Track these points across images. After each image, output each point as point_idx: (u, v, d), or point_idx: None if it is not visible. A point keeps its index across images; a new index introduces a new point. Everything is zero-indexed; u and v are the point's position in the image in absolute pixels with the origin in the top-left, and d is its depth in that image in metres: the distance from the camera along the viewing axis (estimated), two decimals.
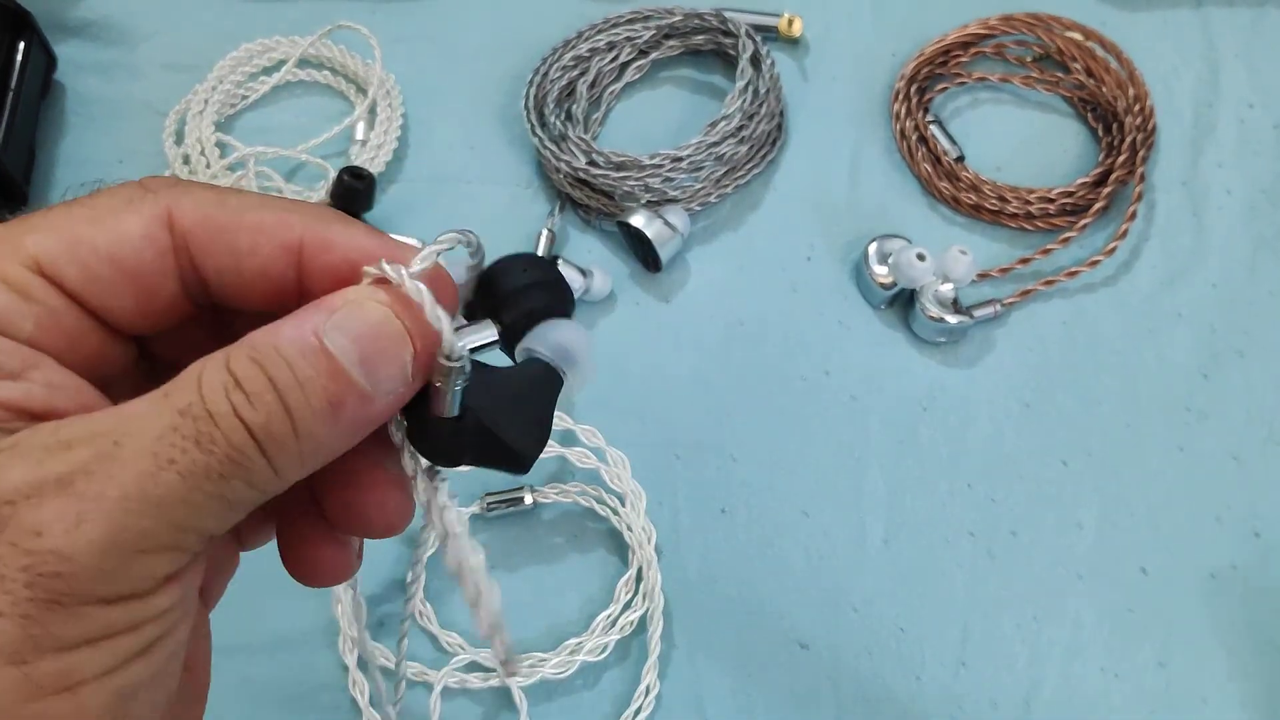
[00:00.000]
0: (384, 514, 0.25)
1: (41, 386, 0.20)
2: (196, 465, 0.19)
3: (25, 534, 0.18)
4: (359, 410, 0.21)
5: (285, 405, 0.20)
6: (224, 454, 0.19)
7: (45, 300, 0.21)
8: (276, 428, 0.20)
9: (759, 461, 0.50)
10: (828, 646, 0.47)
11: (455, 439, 0.23)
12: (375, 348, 0.21)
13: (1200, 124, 0.58)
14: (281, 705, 0.46)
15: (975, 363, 0.52)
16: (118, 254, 0.21)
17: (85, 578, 0.18)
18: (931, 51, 0.59)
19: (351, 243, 0.23)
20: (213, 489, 0.19)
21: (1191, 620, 0.47)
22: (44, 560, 0.18)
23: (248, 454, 0.20)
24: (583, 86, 0.58)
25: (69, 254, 0.21)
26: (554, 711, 0.46)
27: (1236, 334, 0.52)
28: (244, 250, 0.22)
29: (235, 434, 0.19)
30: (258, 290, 0.23)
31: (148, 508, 0.18)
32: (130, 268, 0.22)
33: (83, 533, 0.18)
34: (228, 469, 0.19)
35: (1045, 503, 0.49)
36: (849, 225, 0.56)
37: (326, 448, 0.21)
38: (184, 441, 0.19)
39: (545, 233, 0.55)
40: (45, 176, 0.58)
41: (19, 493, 0.18)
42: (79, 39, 0.62)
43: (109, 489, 0.18)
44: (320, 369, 0.20)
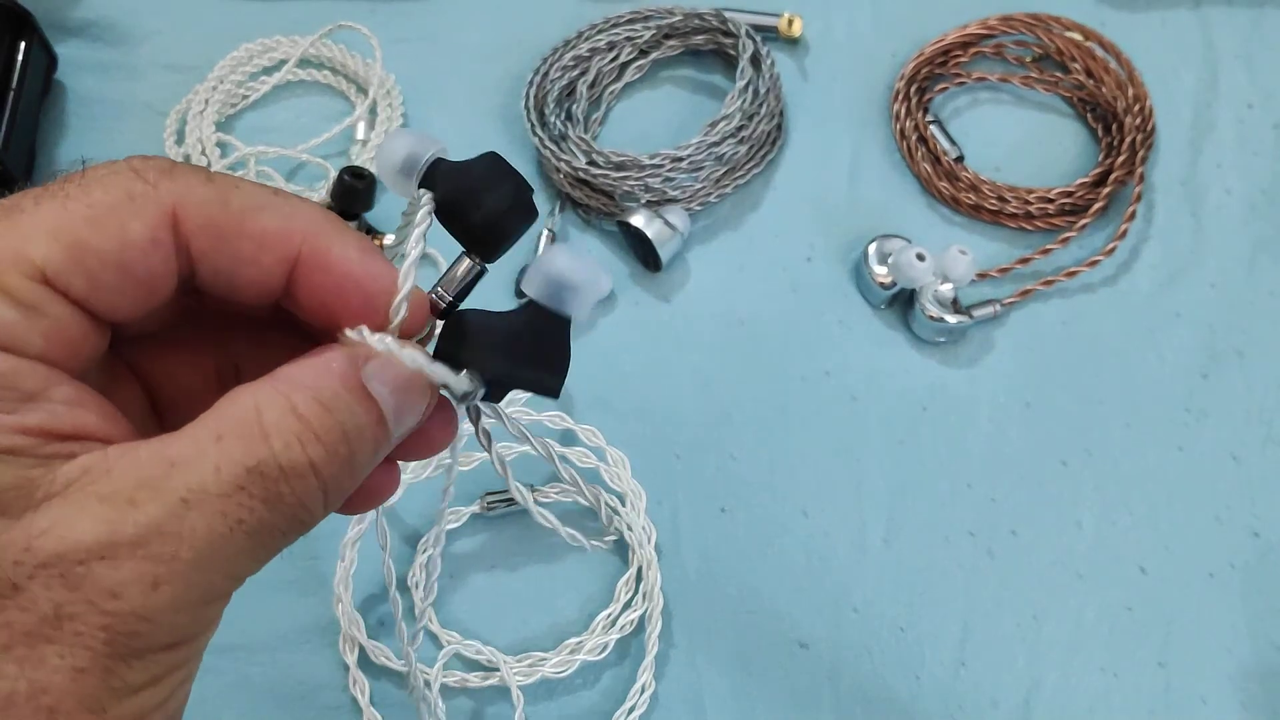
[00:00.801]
0: (446, 434, 0.25)
1: (63, 405, 0.20)
2: (263, 524, 0.20)
3: (102, 594, 0.18)
4: (385, 453, 0.22)
5: (351, 454, 0.21)
6: (291, 512, 0.20)
7: (52, 312, 0.20)
8: (344, 481, 0.21)
9: (759, 461, 0.50)
10: (828, 646, 0.47)
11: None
12: (407, 399, 0.22)
13: (1199, 124, 0.58)
14: (281, 705, 0.46)
15: (975, 363, 0.52)
16: (124, 260, 0.21)
17: (159, 633, 0.19)
18: (931, 51, 0.59)
19: (345, 266, 0.23)
20: (273, 542, 0.20)
21: (1191, 620, 0.47)
22: (123, 620, 0.18)
23: (312, 508, 0.20)
24: (583, 86, 0.58)
25: (75, 263, 0.20)
26: (554, 710, 0.46)
27: (1236, 334, 0.52)
28: (244, 259, 0.22)
29: (305, 486, 0.20)
30: (248, 291, 0.23)
31: (217, 565, 0.19)
32: (137, 273, 0.21)
33: (160, 595, 0.18)
34: (292, 526, 0.20)
35: (1045, 502, 0.49)
36: (849, 225, 0.56)
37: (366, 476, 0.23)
38: (253, 501, 0.19)
39: (545, 233, 0.55)
40: (46, 177, 0.58)
41: (92, 552, 0.18)
42: (79, 39, 0.62)
43: (182, 552, 0.19)
44: (372, 416, 0.21)
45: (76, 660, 0.18)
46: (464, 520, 0.49)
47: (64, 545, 0.18)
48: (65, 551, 0.18)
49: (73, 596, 0.18)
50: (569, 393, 0.52)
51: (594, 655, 0.45)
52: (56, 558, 0.18)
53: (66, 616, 0.18)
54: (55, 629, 0.18)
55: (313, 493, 0.20)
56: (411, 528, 0.49)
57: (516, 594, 0.48)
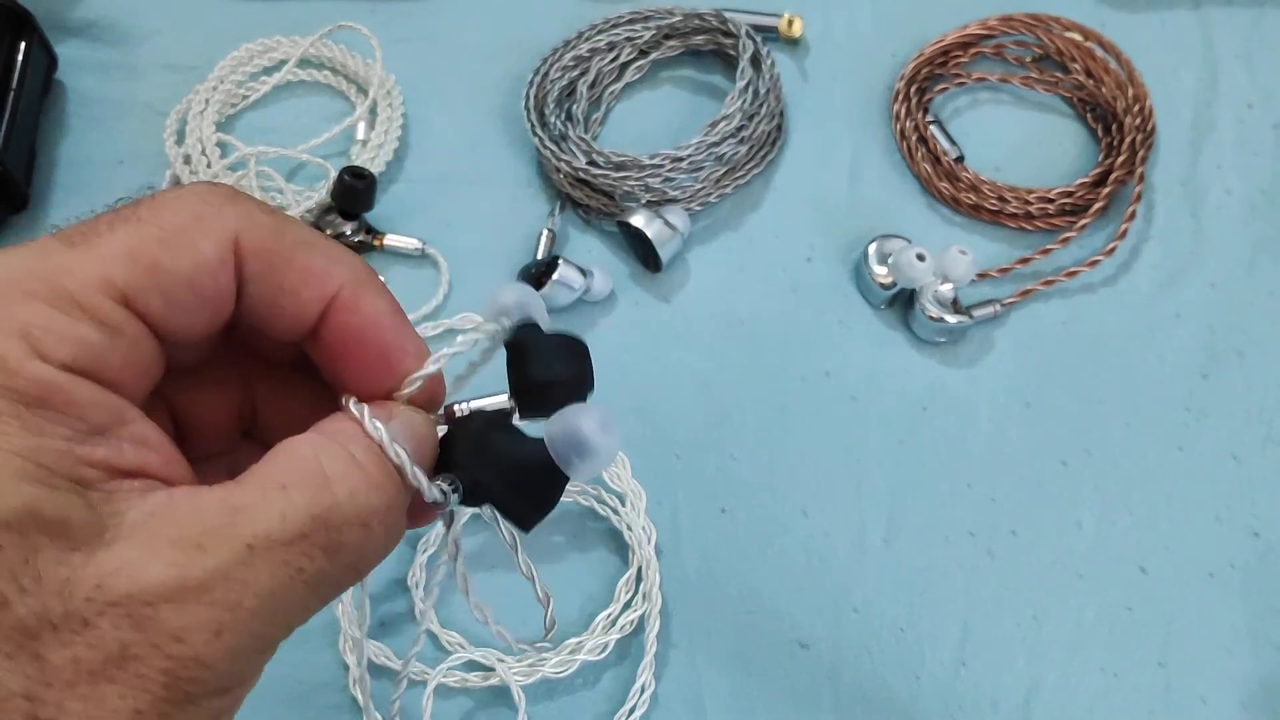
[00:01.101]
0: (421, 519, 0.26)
1: (131, 444, 0.20)
2: (322, 574, 0.20)
3: (167, 638, 0.18)
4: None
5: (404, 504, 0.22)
6: (350, 561, 0.21)
7: (130, 334, 0.20)
8: (397, 531, 0.22)
9: (759, 461, 0.50)
10: (828, 646, 0.47)
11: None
12: (421, 453, 0.23)
13: (1199, 124, 0.58)
14: (281, 705, 0.46)
15: (975, 363, 0.52)
16: (196, 280, 0.21)
17: (214, 680, 0.19)
18: (931, 52, 0.59)
19: (374, 315, 0.24)
20: (326, 595, 0.20)
21: (1191, 620, 0.47)
22: (184, 665, 0.18)
23: (370, 557, 0.21)
24: (583, 86, 0.58)
25: (153, 284, 0.20)
26: (554, 710, 0.46)
27: (1236, 334, 0.52)
28: (287, 289, 0.23)
29: (369, 542, 0.21)
30: (281, 322, 0.24)
31: (276, 615, 0.20)
32: (206, 293, 0.21)
33: (222, 642, 0.19)
34: (347, 577, 0.21)
35: (1045, 502, 0.49)
36: (849, 225, 0.56)
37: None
38: (314, 550, 0.20)
39: (545, 233, 0.55)
40: (46, 177, 0.58)
41: (160, 595, 0.18)
42: (79, 39, 0.62)
43: (245, 599, 0.19)
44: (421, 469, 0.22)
45: (137, 702, 0.18)
46: (464, 520, 0.48)
47: (135, 586, 0.18)
48: (136, 592, 0.18)
49: (139, 637, 0.18)
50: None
51: (594, 655, 0.45)
52: (127, 598, 0.18)
53: (131, 657, 0.18)
54: (119, 669, 0.18)
55: (373, 542, 0.21)
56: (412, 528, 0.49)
57: (516, 594, 0.48)
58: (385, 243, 0.55)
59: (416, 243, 0.55)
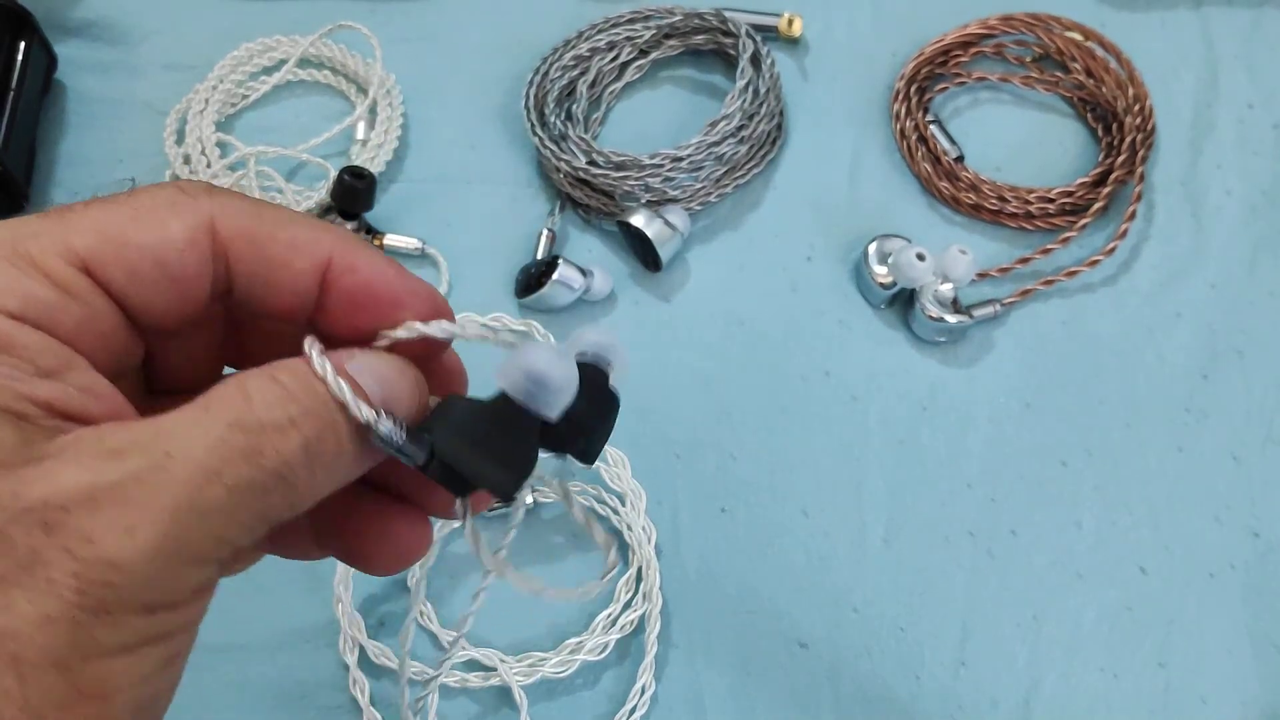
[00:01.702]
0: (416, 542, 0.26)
1: (77, 389, 0.20)
2: (242, 479, 0.19)
3: (78, 541, 0.18)
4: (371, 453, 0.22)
5: (333, 420, 0.21)
6: (273, 468, 0.20)
7: (88, 300, 0.21)
8: (328, 445, 0.21)
9: (759, 461, 0.50)
10: (828, 646, 0.47)
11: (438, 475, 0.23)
12: (392, 399, 0.22)
13: (1199, 124, 0.58)
14: (281, 705, 0.46)
15: (975, 363, 0.52)
16: (162, 256, 0.22)
17: (132, 586, 0.18)
18: (931, 51, 0.59)
19: (374, 269, 0.24)
20: (254, 505, 0.20)
21: (1191, 620, 0.47)
22: (94, 568, 0.18)
23: (294, 469, 0.20)
24: (583, 86, 0.58)
25: (116, 255, 0.21)
26: (554, 710, 0.46)
27: (1236, 334, 0.52)
28: (277, 263, 0.23)
29: (286, 445, 0.20)
30: (281, 300, 0.24)
31: (195, 519, 0.19)
32: (173, 271, 0.22)
33: (134, 542, 0.18)
34: (272, 482, 0.20)
35: (1045, 503, 0.49)
36: (849, 225, 0.56)
37: (354, 469, 0.22)
38: (232, 454, 0.19)
39: (545, 233, 0.55)
40: (46, 176, 0.58)
41: (72, 499, 0.18)
42: (79, 39, 0.62)
43: (160, 498, 0.19)
44: (359, 394, 0.22)
45: (45, 607, 0.18)
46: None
47: (48, 491, 0.18)
48: (49, 497, 0.18)
49: (49, 542, 0.18)
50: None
51: (594, 655, 0.45)
52: (40, 503, 0.18)
53: (40, 562, 0.18)
54: (28, 574, 0.18)
55: (295, 451, 0.20)
56: None
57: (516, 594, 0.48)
58: (385, 243, 0.55)
59: (416, 243, 0.55)
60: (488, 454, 0.23)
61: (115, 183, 0.58)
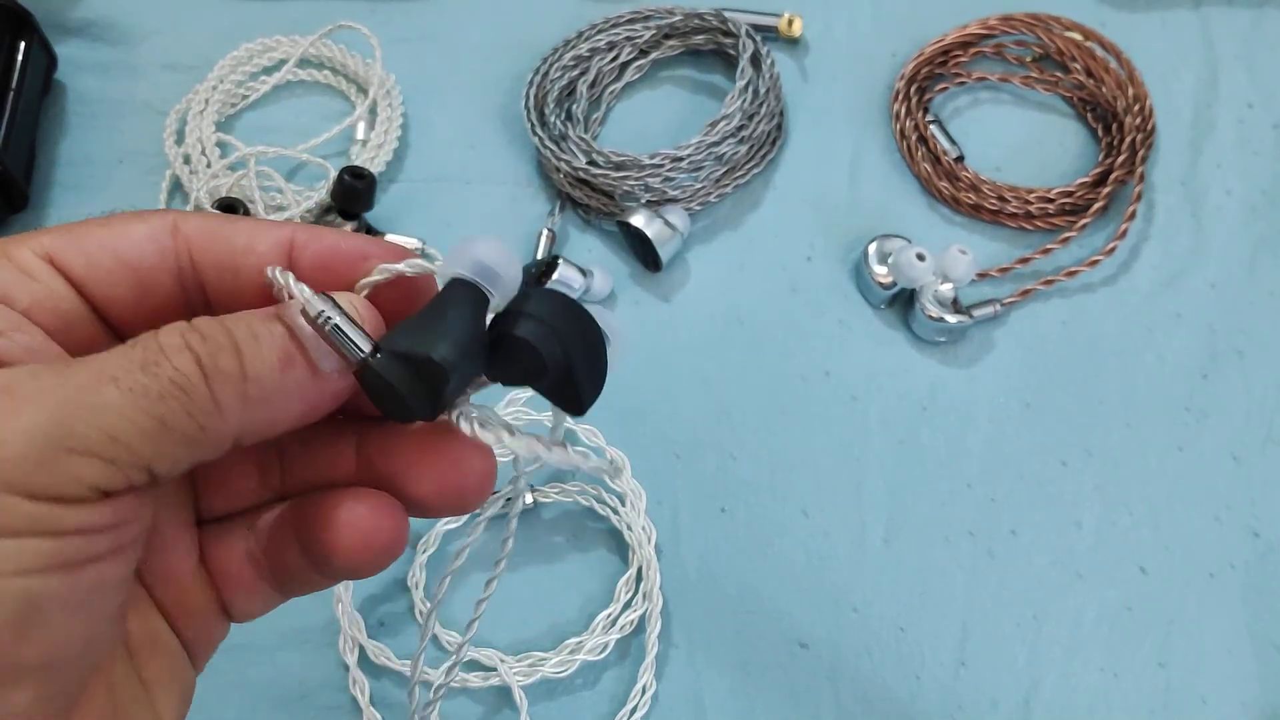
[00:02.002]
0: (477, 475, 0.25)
1: (21, 347, 0.22)
2: (137, 384, 0.20)
3: None
4: (308, 377, 0.23)
5: (236, 345, 0.21)
6: (168, 377, 0.20)
7: (48, 283, 0.23)
8: (224, 362, 0.21)
9: (759, 461, 0.50)
10: (828, 646, 0.47)
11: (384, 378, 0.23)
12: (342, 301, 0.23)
13: (1199, 124, 0.58)
14: (281, 705, 0.46)
15: (975, 363, 0.52)
16: (120, 248, 0.24)
17: (14, 465, 0.19)
18: (931, 51, 0.59)
19: (339, 236, 0.25)
20: (150, 408, 0.20)
21: (1191, 620, 0.47)
22: None
23: (191, 380, 0.21)
24: (583, 86, 0.58)
25: (76, 246, 0.23)
26: (554, 710, 0.46)
27: (1236, 334, 0.52)
28: (240, 248, 0.24)
29: (181, 360, 0.21)
30: (253, 289, 0.24)
31: (83, 411, 0.19)
32: (131, 260, 0.24)
33: (18, 421, 0.19)
34: (168, 390, 0.20)
35: (1045, 503, 0.49)
36: (849, 225, 0.56)
37: (275, 401, 0.22)
38: (130, 364, 0.20)
39: (545, 233, 0.55)
40: (46, 176, 0.58)
41: None
42: (79, 39, 0.62)
43: (50, 390, 0.20)
44: (276, 332, 0.22)
45: None
46: (464, 520, 0.49)
47: None
48: None
49: None
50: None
51: (594, 655, 0.45)
52: None
53: None
54: None
55: (186, 363, 0.21)
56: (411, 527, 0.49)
57: (516, 594, 0.48)
58: None
59: (416, 242, 0.55)
60: (433, 333, 0.23)
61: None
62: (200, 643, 0.26)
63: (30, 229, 0.56)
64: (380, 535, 0.24)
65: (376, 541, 0.24)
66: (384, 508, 0.24)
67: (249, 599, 0.26)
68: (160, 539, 0.25)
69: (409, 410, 0.23)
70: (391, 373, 0.22)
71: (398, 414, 0.23)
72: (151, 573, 0.25)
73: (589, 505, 0.49)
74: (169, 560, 0.25)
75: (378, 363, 0.23)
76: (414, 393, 0.23)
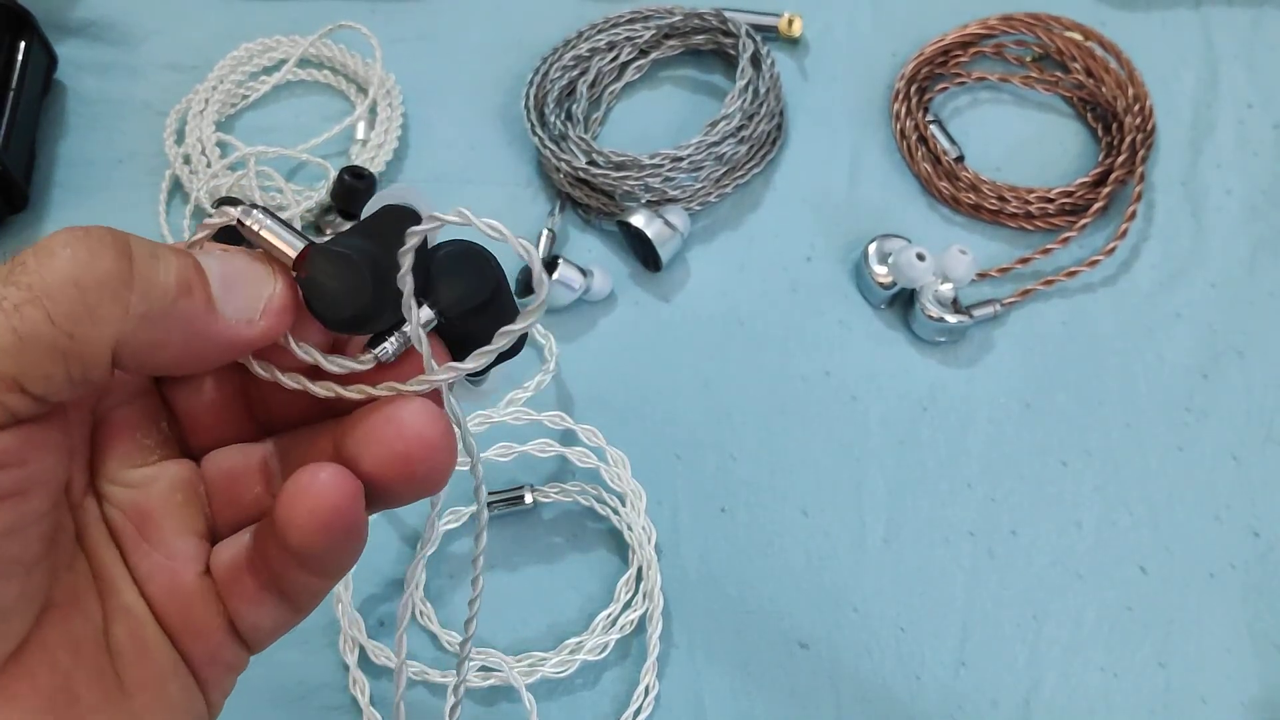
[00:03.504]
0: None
1: None
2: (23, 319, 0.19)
3: None
4: (204, 316, 0.22)
5: (129, 251, 0.21)
6: (27, 284, 0.19)
7: None
8: (108, 264, 0.20)
9: (759, 461, 0.50)
10: (828, 646, 0.47)
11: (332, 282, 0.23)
12: (235, 274, 0.23)
13: (1199, 124, 0.58)
14: (281, 705, 0.46)
15: (975, 363, 0.52)
16: None
17: None
18: (931, 51, 0.59)
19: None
20: (4, 321, 0.19)
21: (1191, 620, 0.47)
22: None
23: (56, 284, 0.19)
24: (583, 86, 0.58)
25: None
26: (554, 710, 0.46)
27: (1236, 334, 0.52)
28: None
29: (49, 264, 0.20)
30: None
31: None
32: None
33: None
34: (27, 297, 0.19)
35: (1045, 503, 0.49)
36: (849, 225, 0.56)
37: (161, 324, 0.21)
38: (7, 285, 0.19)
39: (545, 233, 0.55)
40: (46, 176, 0.58)
41: None
42: (79, 39, 0.62)
43: None
44: (184, 260, 0.22)
45: None
46: (463, 520, 0.49)
47: None
48: None
49: None
50: (569, 393, 0.52)
51: (594, 655, 0.45)
52: None
53: None
54: None
55: (59, 274, 0.19)
56: (412, 528, 0.49)
57: (516, 594, 0.48)
58: None
59: None
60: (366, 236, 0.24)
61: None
62: (209, 664, 0.25)
63: (30, 229, 0.57)
64: (324, 501, 0.22)
65: (321, 508, 0.22)
66: (333, 477, 0.23)
67: (255, 610, 0.25)
68: (163, 546, 0.25)
69: (358, 286, 0.23)
70: (338, 244, 0.23)
71: (348, 304, 0.23)
72: (153, 581, 0.24)
73: (589, 505, 0.49)
74: (173, 567, 0.25)
75: (323, 245, 0.23)
76: (347, 288, 0.23)
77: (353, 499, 0.23)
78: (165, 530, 0.25)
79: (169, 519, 0.25)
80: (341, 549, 0.23)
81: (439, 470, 0.24)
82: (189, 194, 0.56)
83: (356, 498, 0.23)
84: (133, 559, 0.24)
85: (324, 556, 0.23)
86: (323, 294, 0.23)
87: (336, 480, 0.23)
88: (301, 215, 0.54)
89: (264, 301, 0.23)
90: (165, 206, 0.57)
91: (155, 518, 0.25)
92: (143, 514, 0.25)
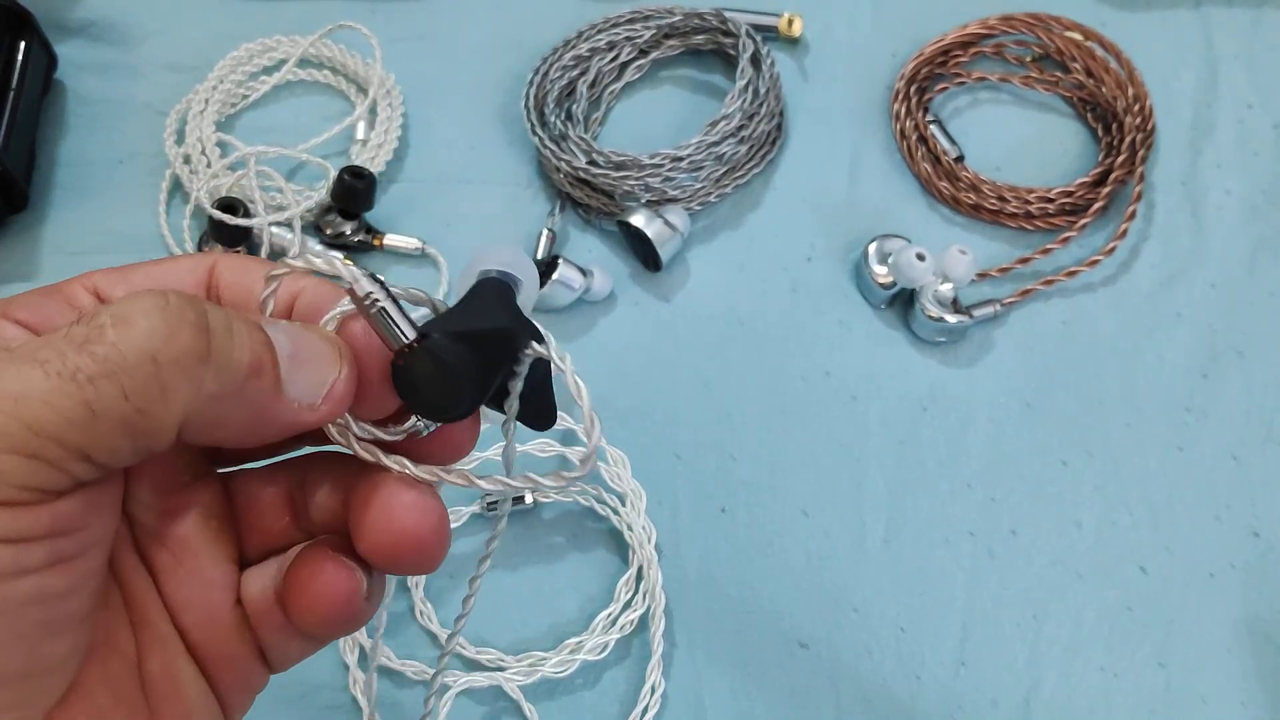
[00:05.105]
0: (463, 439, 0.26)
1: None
2: (68, 366, 0.18)
3: None
4: (270, 393, 0.21)
5: (207, 327, 0.20)
6: (104, 355, 0.18)
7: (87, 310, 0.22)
8: (186, 341, 0.19)
9: (759, 461, 0.50)
10: (828, 646, 0.47)
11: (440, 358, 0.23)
12: (304, 354, 0.22)
13: (1199, 124, 0.58)
14: (281, 705, 0.46)
15: (975, 363, 0.52)
16: (161, 280, 0.24)
17: None
18: (931, 51, 0.59)
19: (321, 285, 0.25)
20: (77, 392, 0.18)
21: (1191, 620, 0.47)
22: None
23: (132, 359, 0.19)
24: (583, 86, 0.58)
25: (122, 279, 0.24)
26: (555, 710, 0.46)
27: (1236, 334, 0.52)
28: (256, 279, 0.25)
29: (125, 334, 0.19)
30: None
31: (34, 409, 0.18)
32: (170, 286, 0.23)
33: None
34: (102, 369, 0.18)
35: (1045, 503, 0.49)
36: (849, 225, 0.56)
37: (228, 404, 0.21)
38: (67, 344, 0.19)
39: (545, 233, 0.55)
40: (46, 176, 0.58)
41: None
42: (79, 39, 0.62)
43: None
44: (257, 337, 0.21)
45: None
46: (464, 520, 0.49)
47: None
48: None
49: None
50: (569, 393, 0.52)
51: (594, 655, 0.45)
52: None
53: None
54: None
55: (136, 347, 0.18)
56: None
57: (516, 594, 0.48)
58: (385, 242, 0.55)
59: (416, 242, 0.55)
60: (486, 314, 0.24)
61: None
62: (235, 689, 0.25)
63: (30, 229, 0.57)
64: (324, 601, 0.24)
65: (320, 606, 0.24)
66: (334, 576, 0.24)
67: (284, 641, 0.25)
68: (199, 574, 0.24)
69: (456, 394, 0.23)
70: (448, 353, 0.22)
71: (439, 404, 0.23)
72: (190, 610, 0.24)
73: (589, 505, 0.49)
74: (209, 595, 0.24)
75: (434, 343, 0.22)
76: (439, 394, 0.23)
77: (352, 595, 0.24)
78: (202, 558, 0.24)
79: (206, 546, 0.24)
80: (348, 629, 0.25)
81: (426, 561, 0.24)
82: (189, 194, 0.56)
83: (356, 594, 0.24)
84: (167, 587, 0.24)
85: (333, 636, 0.25)
86: (413, 388, 0.23)
87: (337, 580, 0.24)
88: (302, 215, 0.54)
89: (328, 387, 0.22)
90: (165, 207, 0.57)
91: (192, 546, 0.24)
92: (180, 541, 0.24)
